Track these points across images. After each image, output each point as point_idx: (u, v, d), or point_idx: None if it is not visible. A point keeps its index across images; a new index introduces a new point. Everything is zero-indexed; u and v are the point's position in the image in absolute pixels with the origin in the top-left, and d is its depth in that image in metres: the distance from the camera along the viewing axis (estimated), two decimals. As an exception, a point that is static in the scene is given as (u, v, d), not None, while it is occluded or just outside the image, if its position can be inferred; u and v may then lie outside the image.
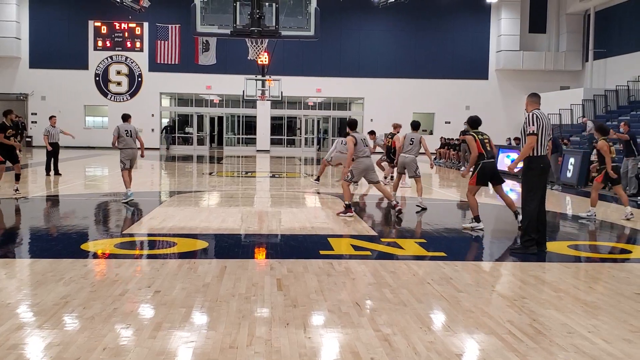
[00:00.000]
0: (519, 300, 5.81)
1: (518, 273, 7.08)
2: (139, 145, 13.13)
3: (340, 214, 11.10)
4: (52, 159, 18.25)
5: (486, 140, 9.84)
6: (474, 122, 10.14)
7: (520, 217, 9.60)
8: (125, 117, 13.19)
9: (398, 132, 16.34)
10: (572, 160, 18.50)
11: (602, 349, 4.55)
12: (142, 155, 13.33)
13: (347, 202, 11.17)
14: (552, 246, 8.44)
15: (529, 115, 8.06)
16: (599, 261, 8.06)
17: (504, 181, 10.13)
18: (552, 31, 38.91)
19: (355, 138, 11.25)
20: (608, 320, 5.23)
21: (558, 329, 4.98)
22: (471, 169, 9.93)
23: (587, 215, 11.66)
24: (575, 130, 28.04)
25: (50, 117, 19.10)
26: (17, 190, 13.31)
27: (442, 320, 5.21)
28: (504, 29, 38.30)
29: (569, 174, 18.50)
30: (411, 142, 12.77)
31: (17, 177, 13.61)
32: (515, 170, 8.68)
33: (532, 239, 7.99)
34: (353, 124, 11.83)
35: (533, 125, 7.92)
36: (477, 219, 9.94)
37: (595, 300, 5.87)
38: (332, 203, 13.49)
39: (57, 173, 18.24)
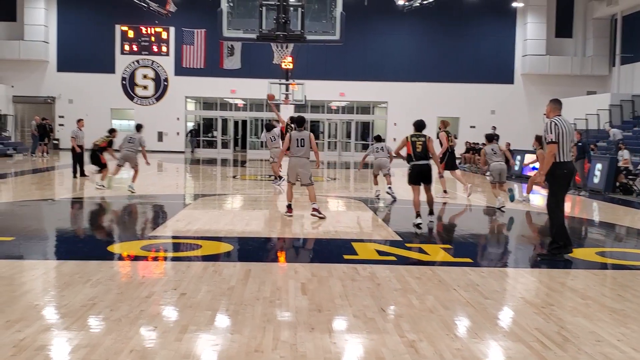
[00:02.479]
0: (547, 307, 5.75)
1: (545, 280, 7.00)
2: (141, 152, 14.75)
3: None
4: (79, 162, 18.45)
5: (420, 143, 10.54)
6: (417, 126, 10.95)
7: (431, 217, 10.77)
8: (138, 127, 15.30)
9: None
10: (599, 166, 18.25)
11: (631, 357, 4.48)
12: (147, 163, 15.05)
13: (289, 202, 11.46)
14: (579, 253, 8.34)
15: (548, 123, 7.98)
16: (628, 268, 7.94)
17: (431, 182, 10.77)
18: (579, 36, 38.48)
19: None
20: (637, 329, 5.15)
21: (586, 336, 4.91)
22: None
23: (523, 200, 14.36)
24: (602, 135, 27.71)
25: (78, 121, 19.36)
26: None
27: (469, 327, 5.16)
28: (530, 33, 37.97)
29: (595, 180, 18.25)
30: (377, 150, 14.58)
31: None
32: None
33: (560, 246, 7.90)
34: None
35: (551, 133, 7.84)
36: (417, 214, 10.39)
37: (623, 308, 5.78)
38: (355, 207, 13.49)
39: (83, 175, 18.44)
